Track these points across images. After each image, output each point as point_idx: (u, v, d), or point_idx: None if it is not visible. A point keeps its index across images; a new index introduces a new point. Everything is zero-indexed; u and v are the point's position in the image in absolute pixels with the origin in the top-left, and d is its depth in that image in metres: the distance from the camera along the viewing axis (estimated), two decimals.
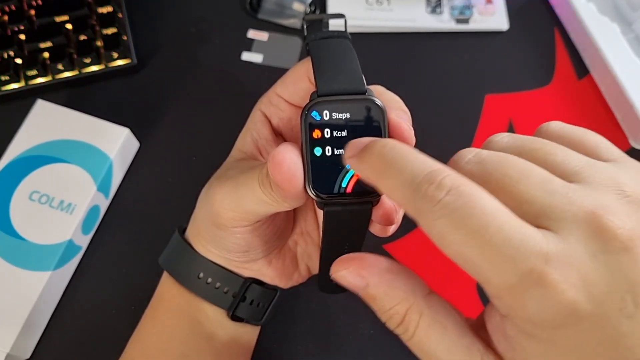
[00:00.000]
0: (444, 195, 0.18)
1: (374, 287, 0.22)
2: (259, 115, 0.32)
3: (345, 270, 0.22)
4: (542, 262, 0.17)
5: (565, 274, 0.17)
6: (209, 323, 0.33)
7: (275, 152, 0.24)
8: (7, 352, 0.36)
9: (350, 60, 0.26)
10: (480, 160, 0.21)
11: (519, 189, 0.19)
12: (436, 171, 0.19)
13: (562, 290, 0.17)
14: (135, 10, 0.51)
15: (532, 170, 0.20)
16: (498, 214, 0.18)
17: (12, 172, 0.41)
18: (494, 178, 0.20)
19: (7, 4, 0.47)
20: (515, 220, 0.18)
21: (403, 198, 0.20)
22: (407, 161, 0.20)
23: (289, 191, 0.24)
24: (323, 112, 0.24)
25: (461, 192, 0.18)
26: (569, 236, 0.18)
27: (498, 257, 0.17)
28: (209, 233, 0.31)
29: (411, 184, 0.19)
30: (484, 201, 0.18)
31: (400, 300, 0.21)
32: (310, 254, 0.34)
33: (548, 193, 0.19)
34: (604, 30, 0.48)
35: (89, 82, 0.48)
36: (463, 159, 0.21)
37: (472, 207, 0.18)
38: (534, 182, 0.19)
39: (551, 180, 0.20)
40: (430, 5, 0.52)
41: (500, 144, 0.23)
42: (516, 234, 0.18)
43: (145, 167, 0.45)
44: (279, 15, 0.51)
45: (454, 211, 0.18)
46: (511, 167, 0.20)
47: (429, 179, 0.19)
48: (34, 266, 0.38)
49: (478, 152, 0.21)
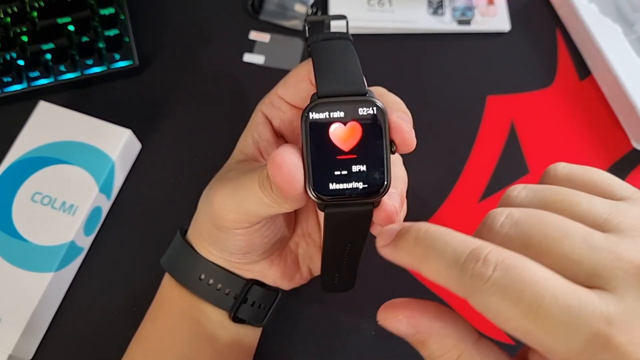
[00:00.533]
0: (492, 271, 0.18)
1: (424, 335, 0.22)
2: (260, 116, 0.32)
3: (393, 318, 0.22)
4: (606, 325, 0.17)
5: (632, 334, 0.17)
6: (210, 324, 0.33)
7: (275, 153, 0.24)
8: (10, 353, 0.36)
9: (351, 62, 0.26)
10: (515, 223, 0.20)
11: (564, 250, 0.19)
12: (478, 248, 0.19)
13: (631, 352, 0.17)
14: (137, 12, 0.51)
15: (571, 227, 0.20)
16: (550, 282, 0.18)
17: (14, 174, 0.41)
18: (535, 241, 0.20)
19: (10, 6, 0.47)
20: (568, 285, 0.18)
21: (449, 280, 0.20)
22: (447, 243, 0.20)
23: (289, 193, 0.24)
24: (323, 114, 0.24)
25: (508, 266, 0.18)
26: (625, 295, 0.18)
27: (559, 327, 0.17)
28: (210, 235, 0.31)
29: (456, 265, 0.19)
30: (533, 271, 0.18)
31: (451, 348, 0.21)
32: (311, 256, 0.35)
33: (593, 250, 0.19)
34: (605, 31, 0.48)
35: (91, 83, 0.48)
36: (496, 223, 0.21)
37: (523, 280, 0.18)
38: (577, 240, 0.19)
39: (592, 235, 0.19)
40: (432, 6, 0.52)
41: (520, 199, 0.23)
42: (573, 300, 0.18)
43: (147, 169, 0.45)
44: (280, 16, 0.51)
45: (506, 287, 0.18)
46: (550, 227, 0.20)
47: (473, 258, 0.19)
48: (36, 267, 0.38)
49: (510, 213, 0.21)
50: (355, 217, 0.25)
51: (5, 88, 0.46)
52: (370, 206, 0.25)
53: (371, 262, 0.42)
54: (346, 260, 0.29)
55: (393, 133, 0.25)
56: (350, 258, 0.29)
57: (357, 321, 0.40)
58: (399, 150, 0.25)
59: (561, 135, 0.47)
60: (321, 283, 0.33)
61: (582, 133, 0.48)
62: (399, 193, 0.27)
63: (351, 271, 0.31)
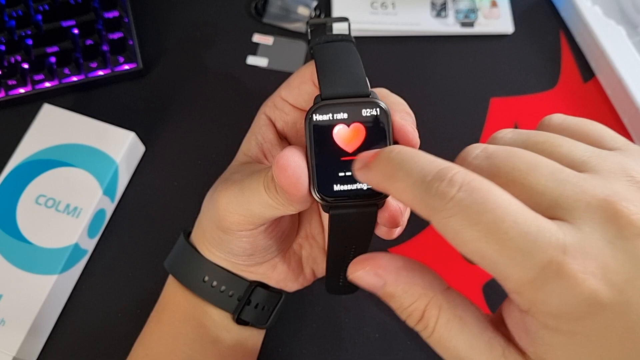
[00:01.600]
0: (455, 191, 0.18)
1: (391, 285, 0.22)
2: (263, 118, 0.32)
3: (362, 270, 0.22)
4: (560, 253, 0.17)
5: (584, 263, 0.17)
6: (214, 326, 0.33)
7: (280, 156, 0.24)
8: (14, 355, 0.36)
9: (354, 64, 0.26)
10: (488, 155, 0.21)
11: (529, 181, 0.19)
12: (446, 169, 0.19)
13: (582, 280, 0.17)
14: (141, 14, 0.51)
15: (541, 161, 0.20)
16: (512, 207, 0.18)
17: (18, 176, 0.41)
18: (503, 172, 0.20)
19: (15, 9, 0.48)
20: (529, 212, 0.18)
21: (415, 199, 0.19)
22: (415, 162, 0.20)
23: (294, 195, 0.24)
24: (327, 116, 0.24)
25: (473, 188, 0.18)
26: (583, 225, 0.18)
27: (515, 251, 0.17)
28: (214, 237, 0.31)
29: (422, 183, 0.19)
30: (496, 195, 0.18)
31: (418, 296, 0.21)
32: (315, 258, 0.34)
33: (559, 183, 0.19)
34: (609, 33, 0.48)
35: (95, 86, 0.48)
36: (470, 155, 0.21)
37: (485, 202, 0.18)
38: (544, 172, 0.19)
39: (561, 170, 0.19)
40: (435, 9, 0.52)
41: (504, 140, 0.23)
42: (532, 226, 0.18)
43: (151, 171, 0.45)
44: (284, 19, 0.51)
45: (467, 207, 0.18)
46: (519, 160, 0.20)
47: (439, 177, 0.19)
48: (40, 270, 0.38)
49: (485, 147, 0.21)
50: (360, 218, 0.25)
51: (10, 91, 0.46)
52: (375, 207, 0.25)
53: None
54: (351, 261, 0.29)
55: (396, 134, 0.25)
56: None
57: (360, 324, 0.40)
58: None
59: None
60: (326, 285, 0.33)
61: None
62: None
63: None
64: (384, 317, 0.40)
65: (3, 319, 0.37)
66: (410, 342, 0.40)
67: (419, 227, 0.43)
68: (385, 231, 0.28)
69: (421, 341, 0.43)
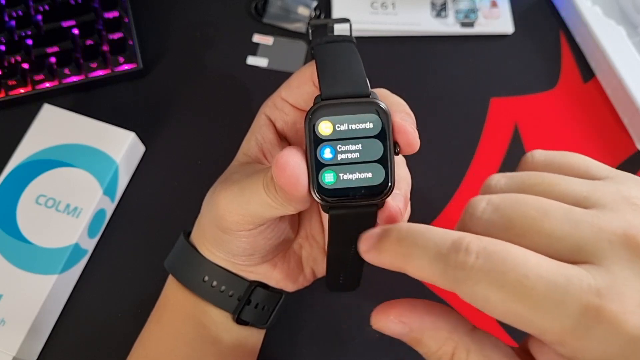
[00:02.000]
0: (474, 259, 0.18)
1: (417, 331, 0.22)
2: (263, 119, 0.32)
3: (385, 320, 0.22)
4: (595, 297, 0.17)
5: (622, 303, 0.17)
6: (214, 326, 0.33)
7: (279, 156, 0.24)
8: (14, 355, 0.36)
9: (354, 64, 0.26)
10: (496, 208, 0.21)
11: (544, 228, 0.19)
12: (459, 239, 0.19)
13: (624, 321, 0.17)
14: (141, 15, 0.51)
15: (550, 204, 0.20)
16: (533, 261, 0.18)
17: (18, 176, 0.41)
18: (517, 223, 0.20)
19: (15, 9, 0.48)
20: (552, 262, 0.18)
21: (435, 274, 0.19)
22: (428, 238, 0.20)
23: (293, 195, 0.24)
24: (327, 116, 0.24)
25: (490, 252, 0.18)
26: (612, 265, 0.18)
27: (548, 304, 0.17)
28: (214, 237, 0.31)
29: (439, 258, 0.19)
30: (515, 254, 0.18)
31: (444, 341, 0.21)
32: (315, 258, 0.34)
33: (575, 225, 0.19)
34: (609, 33, 0.48)
35: (95, 86, 0.48)
36: (477, 210, 0.21)
37: (505, 262, 0.18)
38: (557, 216, 0.19)
39: (572, 211, 0.19)
40: (435, 9, 0.52)
41: (500, 186, 0.23)
42: (558, 276, 0.17)
43: (151, 171, 0.45)
44: (284, 19, 0.51)
45: (489, 272, 0.18)
46: (529, 207, 0.20)
47: (455, 249, 0.19)
48: (41, 270, 0.38)
49: (489, 199, 0.21)
50: (360, 218, 0.25)
51: (10, 91, 0.46)
52: (375, 207, 0.25)
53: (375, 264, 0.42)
54: (351, 261, 0.29)
55: (396, 134, 0.25)
56: (355, 259, 0.29)
57: (361, 324, 0.40)
58: (402, 152, 0.25)
59: (565, 138, 0.47)
60: (326, 283, 0.33)
61: (586, 135, 0.47)
62: (402, 194, 0.27)
63: (356, 272, 0.31)
64: None
65: (3, 319, 0.37)
66: None
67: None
68: None
69: None
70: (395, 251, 0.21)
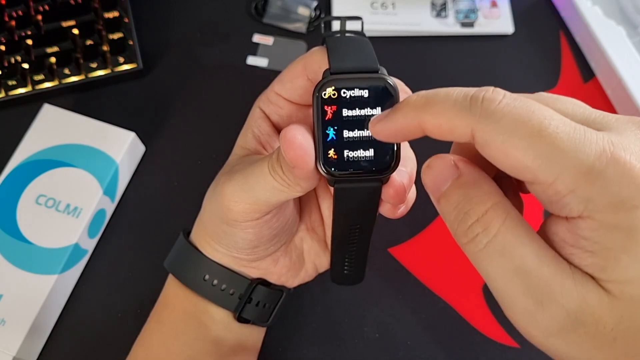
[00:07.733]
0: (502, 97, 0.19)
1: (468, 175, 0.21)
2: (258, 112, 0.32)
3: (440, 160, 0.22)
4: (610, 145, 0.18)
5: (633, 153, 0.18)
6: (214, 325, 0.33)
7: (286, 130, 0.24)
8: (14, 355, 0.36)
9: (365, 45, 0.26)
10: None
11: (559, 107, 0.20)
12: (483, 87, 0.20)
13: (636, 166, 0.18)
14: (141, 15, 0.51)
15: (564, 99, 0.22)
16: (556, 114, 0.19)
17: (18, 176, 0.41)
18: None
19: (15, 9, 0.48)
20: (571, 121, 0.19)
21: (459, 114, 0.20)
22: (450, 89, 0.20)
23: (302, 168, 0.24)
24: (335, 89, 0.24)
25: (516, 97, 0.19)
26: (624, 131, 0.19)
27: (568, 145, 0.18)
28: (217, 231, 0.31)
29: (464, 99, 0.20)
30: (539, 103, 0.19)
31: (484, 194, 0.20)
32: (316, 251, 0.34)
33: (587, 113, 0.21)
34: (609, 33, 0.48)
35: (95, 86, 0.48)
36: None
37: (531, 105, 0.19)
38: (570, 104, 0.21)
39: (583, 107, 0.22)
40: (435, 9, 0.52)
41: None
42: (577, 127, 0.19)
43: (151, 171, 0.45)
44: (284, 19, 0.51)
45: (516, 108, 0.19)
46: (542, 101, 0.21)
47: (481, 90, 0.20)
48: (41, 270, 0.38)
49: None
50: (365, 193, 0.26)
51: (10, 91, 0.46)
52: (379, 182, 0.25)
53: (375, 264, 0.42)
54: (356, 242, 0.29)
55: None
56: (359, 241, 0.29)
57: (360, 324, 0.40)
58: None
59: None
60: (331, 274, 0.33)
61: None
62: (408, 172, 0.27)
63: (361, 258, 0.31)
64: (384, 317, 0.40)
65: (3, 319, 0.37)
66: (410, 342, 0.40)
67: (419, 227, 0.44)
68: (389, 208, 0.28)
69: (421, 341, 0.43)
70: (414, 104, 0.21)
